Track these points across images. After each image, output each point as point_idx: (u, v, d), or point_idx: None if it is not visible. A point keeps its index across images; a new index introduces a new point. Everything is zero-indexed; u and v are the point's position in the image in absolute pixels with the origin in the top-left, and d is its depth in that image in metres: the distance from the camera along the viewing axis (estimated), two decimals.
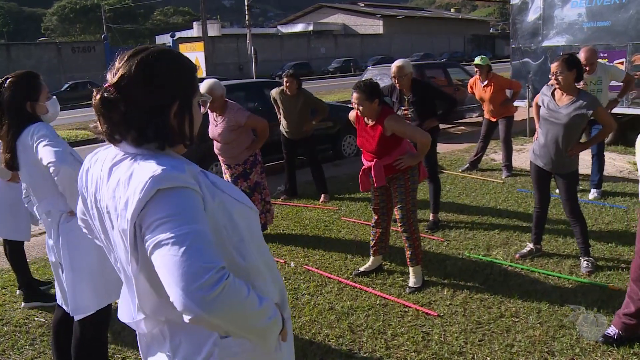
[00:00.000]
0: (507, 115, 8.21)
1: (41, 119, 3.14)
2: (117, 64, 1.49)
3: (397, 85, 5.74)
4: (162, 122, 1.48)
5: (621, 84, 6.86)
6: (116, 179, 1.45)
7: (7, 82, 3.09)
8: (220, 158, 5.86)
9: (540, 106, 4.83)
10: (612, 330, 3.62)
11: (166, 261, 1.31)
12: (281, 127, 7.40)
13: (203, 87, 5.42)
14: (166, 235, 1.32)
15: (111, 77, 1.48)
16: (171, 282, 1.30)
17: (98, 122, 1.52)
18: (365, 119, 4.54)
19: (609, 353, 3.51)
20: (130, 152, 1.48)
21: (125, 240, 1.42)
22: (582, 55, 6.24)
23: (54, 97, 3.39)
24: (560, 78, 4.50)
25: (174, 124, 1.50)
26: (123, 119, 1.45)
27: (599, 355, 3.51)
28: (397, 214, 4.62)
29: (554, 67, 4.51)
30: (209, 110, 5.66)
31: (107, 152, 1.55)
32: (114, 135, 1.49)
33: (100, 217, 1.56)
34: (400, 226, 4.63)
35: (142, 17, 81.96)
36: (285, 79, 7.12)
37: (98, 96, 1.47)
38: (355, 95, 4.37)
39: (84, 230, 1.79)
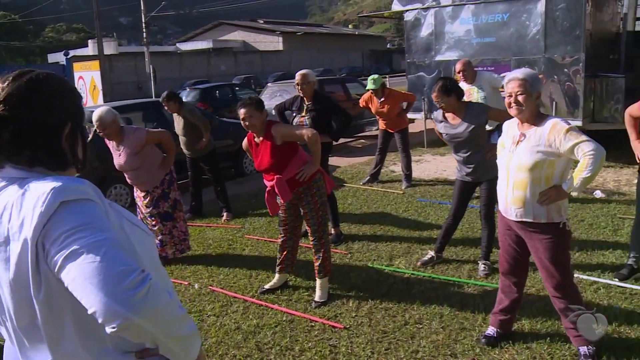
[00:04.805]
0: (403, 127, 8.48)
1: None
2: (0, 85, 1.42)
3: (301, 92, 5.85)
4: (55, 143, 1.44)
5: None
6: (2, 204, 1.36)
7: None
8: (136, 188, 5.67)
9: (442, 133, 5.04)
10: (491, 330, 3.82)
11: (83, 270, 1.24)
12: (181, 145, 7.28)
13: (94, 119, 5.28)
14: (78, 245, 1.26)
15: None
16: (92, 290, 1.23)
17: None
18: (255, 137, 4.55)
19: (506, 350, 3.68)
20: (15, 176, 1.40)
21: (26, 263, 1.30)
22: (456, 67, 6.89)
23: None
24: (443, 105, 4.74)
25: (66, 146, 1.46)
26: (14, 138, 1.39)
27: (497, 353, 3.66)
28: (308, 228, 4.66)
29: (434, 97, 4.73)
30: (107, 141, 5.47)
31: None
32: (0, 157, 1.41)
33: None
34: (311, 240, 4.67)
35: (32, 34, 78.25)
36: (162, 102, 7.10)
37: None
38: (243, 110, 4.37)
39: None
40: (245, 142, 4.77)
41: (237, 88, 19.66)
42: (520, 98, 3.24)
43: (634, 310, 4.09)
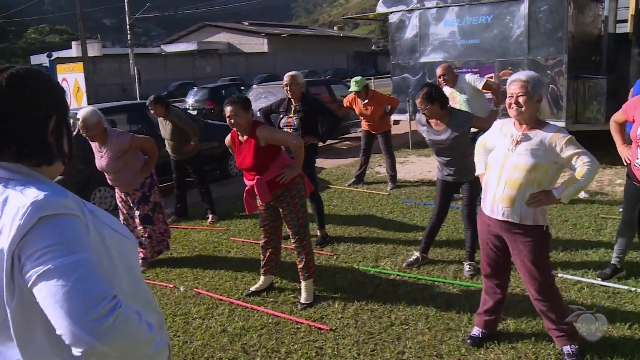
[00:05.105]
0: (385, 129, 8.54)
1: None
2: None
3: (289, 93, 5.84)
4: (41, 137, 1.42)
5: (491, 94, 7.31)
6: None
7: None
8: (117, 189, 5.67)
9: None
10: (476, 331, 3.85)
11: (54, 292, 1.24)
12: (167, 149, 7.27)
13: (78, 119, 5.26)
14: (52, 265, 1.25)
15: None
16: (61, 314, 1.23)
17: None
18: (239, 136, 4.55)
19: (491, 350, 3.70)
20: (1, 176, 1.39)
21: (0, 271, 1.30)
22: (437, 71, 6.94)
23: None
24: (426, 112, 4.77)
25: (52, 140, 1.44)
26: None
27: (482, 353, 3.68)
28: (289, 230, 4.66)
29: (418, 103, 4.76)
30: (90, 142, 5.44)
31: None
32: None
33: None
34: (293, 242, 4.68)
35: (14, 35, 77.52)
36: (149, 106, 7.05)
37: None
38: (230, 108, 4.36)
39: None
40: (228, 139, 4.76)
41: (242, 88, 20.24)
42: (520, 99, 3.25)
43: (616, 309, 4.14)
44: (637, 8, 10.54)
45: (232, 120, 4.38)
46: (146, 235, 5.64)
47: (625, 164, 4.57)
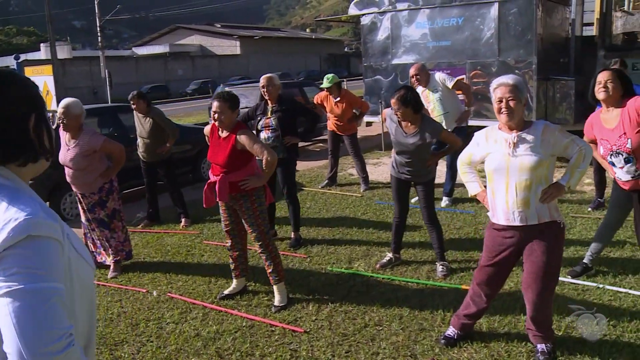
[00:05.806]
0: (352, 132, 8.57)
1: None
2: None
3: (266, 94, 5.84)
4: (24, 135, 1.43)
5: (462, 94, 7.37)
6: None
7: None
8: (73, 187, 5.57)
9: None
10: (452, 332, 3.86)
11: (18, 314, 1.25)
12: (138, 150, 7.19)
13: (60, 105, 5.25)
14: (25, 287, 1.26)
15: None
16: (18, 337, 1.25)
17: None
18: (220, 130, 4.54)
19: (464, 349, 3.73)
20: None
21: None
22: (410, 71, 7.01)
23: None
24: (398, 114, 4.81)
25: (34, 137, 1.45)
26: None
27: (456, 352, 3.71)
28: (251, 237, 4.65)
29: (392, 103, 4.79)
30: (61, 132, 5.38)
31: None
32: None
33: None
34: (258, 248, 4.66)
35: None
36: (131, 101, 7.01)
37: None
38: (217, 104, 4.37)
39: None
40: (208, 128, 4.77)
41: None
42: (511, 103, 3.28)
43: (585, 306, 4.20)
44: (601, 12, 10.76)
45: (217, 117, 4.39)
46: (103, 239, 5.60)
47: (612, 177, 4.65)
